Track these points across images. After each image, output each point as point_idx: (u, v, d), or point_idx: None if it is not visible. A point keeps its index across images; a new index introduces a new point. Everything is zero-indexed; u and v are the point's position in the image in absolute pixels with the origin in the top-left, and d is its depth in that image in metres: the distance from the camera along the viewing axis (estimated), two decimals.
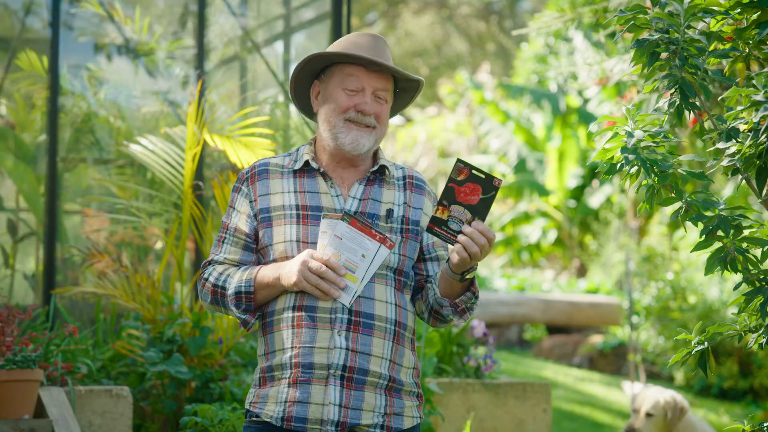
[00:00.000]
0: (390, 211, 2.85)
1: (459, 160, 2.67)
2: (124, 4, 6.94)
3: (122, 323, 5.30)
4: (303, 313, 2.75)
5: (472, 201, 2.67)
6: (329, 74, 2.88)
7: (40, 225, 6.32)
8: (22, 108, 6.56)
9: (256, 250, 2.88)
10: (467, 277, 2.75)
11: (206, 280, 2.88)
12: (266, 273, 2.78)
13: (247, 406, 2.85)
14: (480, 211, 2.67)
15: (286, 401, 2.74)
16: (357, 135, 2.83)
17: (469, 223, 2.66)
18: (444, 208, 2.67)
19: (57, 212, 6.17)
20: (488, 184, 2.66)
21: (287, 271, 2.73)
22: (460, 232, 2.67)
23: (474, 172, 2.66)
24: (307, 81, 2.94)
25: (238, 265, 2.87)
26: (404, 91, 2.97)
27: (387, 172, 2.90)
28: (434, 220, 2.68)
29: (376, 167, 2.89)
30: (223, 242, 2.90)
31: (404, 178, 2.92)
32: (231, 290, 2.81)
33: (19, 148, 6.53)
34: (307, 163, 2.87)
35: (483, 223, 2.67)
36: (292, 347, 2.75)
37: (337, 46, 2.88)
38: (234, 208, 2.90)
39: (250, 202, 2.87)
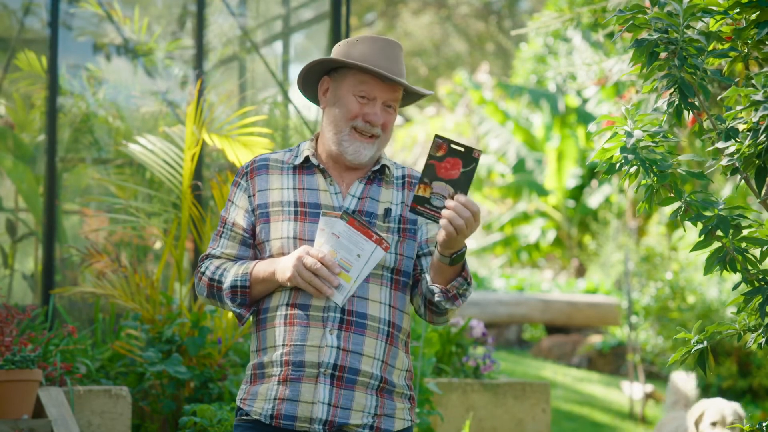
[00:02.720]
0: (388, 211, 2.83)
1: (437, 136, 2.61)
2: (123, 4, 6.93)
3: (121, 323, 5.29)
4: (296, 311, 2.74)
5: (453, 175, 2.61)
6: (342, 75, 2.84)
7: (39, 225, 6.32)
8: (21, 108, 6.56)
9: (253, 245, 2.87)
10: (456, 258, 2.68)
11: (203, 273, 2.88)
12: (262, 267, 2.77)
13: (237, 403, 2.85)
14: (462, 184, 2.61)
15: (275, 399, 2.74)
16: (360, 146, 2.81)
17: (452, 198, 2.61)
18: (426, 186, 2.62)
19: (56, 212, 6.17)
20: (468, 157, 2.61)
21: (282, 266, 2.72)
22: (444, 207, 2.61)
23: (453, 146, 2.60)
24: (318, 73, 2.90)
25: (235, 260, 2.87)
26: (405, 98, 2.96)
27: (387, 171, 2.89)
28: (416, 199, 2.62)
29: (377, 167, 2.88)
30: (220, 236, 2.90)
31: (403, 177, 2.91)
32: (227, 284, 2.81)
33: (18, 148, 6.53)
34: (307, 158, 2.87)
35: (466, 196, 2.62)
36: (283, 345, 2.74)
37: (353, 50, 2.82)
38: (232, 202, 2.90)
39: (249, 196, 2.87)
